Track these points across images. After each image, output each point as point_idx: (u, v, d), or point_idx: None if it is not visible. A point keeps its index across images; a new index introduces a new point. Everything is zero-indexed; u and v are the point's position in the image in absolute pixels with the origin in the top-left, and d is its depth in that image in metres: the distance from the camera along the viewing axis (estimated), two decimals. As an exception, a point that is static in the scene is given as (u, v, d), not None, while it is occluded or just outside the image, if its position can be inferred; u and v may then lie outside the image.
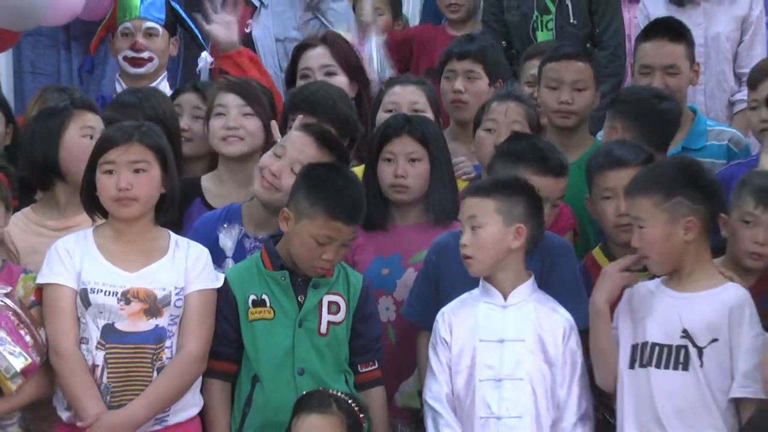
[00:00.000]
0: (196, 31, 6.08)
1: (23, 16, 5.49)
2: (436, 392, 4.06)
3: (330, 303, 4.20)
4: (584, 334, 4.11)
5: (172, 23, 5.91)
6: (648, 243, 4.00)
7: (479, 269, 4.03)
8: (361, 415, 4.06)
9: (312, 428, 3.93)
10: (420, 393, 4.17)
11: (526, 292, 4.10)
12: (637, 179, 4.09)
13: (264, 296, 4.18)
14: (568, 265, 4.29)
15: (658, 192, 3.99)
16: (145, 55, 5.78)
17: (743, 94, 5.47)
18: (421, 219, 4.52)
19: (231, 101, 4.80)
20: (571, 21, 5.71)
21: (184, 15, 6.05)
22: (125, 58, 5.81)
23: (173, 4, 6.01)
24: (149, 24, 5.80)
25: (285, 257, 4.18)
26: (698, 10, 5.66)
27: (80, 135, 4.50)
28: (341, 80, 5.24)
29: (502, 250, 3.99)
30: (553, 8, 5.74)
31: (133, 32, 5.78)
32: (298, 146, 4.39)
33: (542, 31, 5.75)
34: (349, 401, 4.06)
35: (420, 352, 4.25)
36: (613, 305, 4.09)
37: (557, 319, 4.09)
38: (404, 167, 4.47)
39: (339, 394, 4.08)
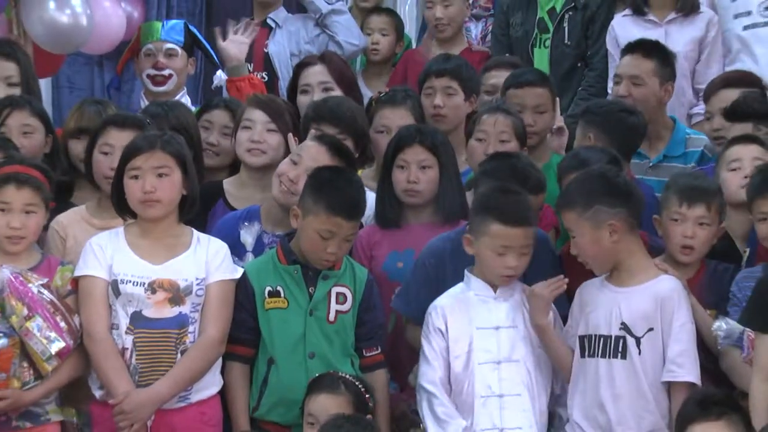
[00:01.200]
0: (212, 51, 6.08)
1: (68, 41, 5.50)
2: (430, 377, 4.05)
3: (338, 294, 4.21)
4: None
5: (190, 45, 5.88)
6: (581, 249, 4.04)
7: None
8: (367, 395, 4.08)
9: (322, 407, 3.96)
10: None
11: (514, 285, 4.13)
12: (561, 195, 4.15)
13: (279, 288, 4.20)
14: (546, 255, 4.31)
15: (578, 204, 4.02)
16: (166, 72, 5.76)
17: (701, 107, 5.51)
18: (432, 218, 4.52)
19: (258, 117, 4.80)
20: (566, 41, 5.70)
21: (201, 38, 6.05)
22: (148, 76, 5.80)
23: (191, 28, 5.99)
24: (169, 45, 5.78)
25: (297, 253, 4.20)
26: (660, 31, 5.63)
27: (99, 152, 4.51)
28: (337, 95, 5.23)
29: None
30: (551, 28, 5.72)
31: (155, 53, 5.77)
32: (313, 155, 4.42)
33: (539, 48, 5.74)
34: (356, 383, 4.08)
35: (417, 342, 4.24)
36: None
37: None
38: (416, 174, 4.48)
39: (347, 376, 4.10)
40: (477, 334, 4.06)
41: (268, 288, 4.20)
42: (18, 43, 5.29)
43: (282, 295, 4.21)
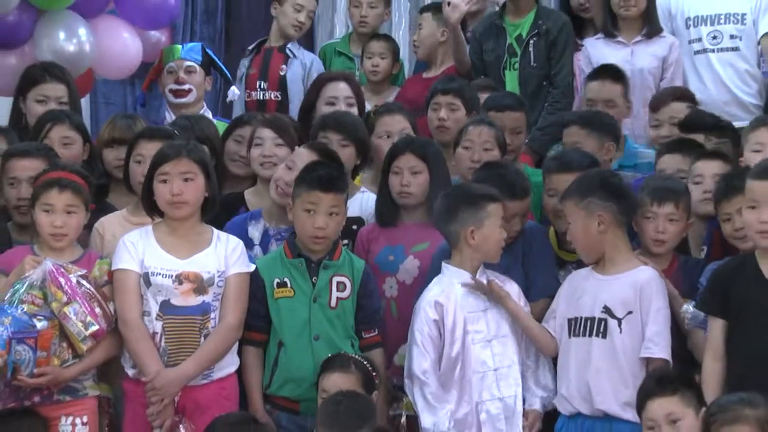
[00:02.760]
0: (226, 70, 6.10)
1: (72, 66, 5.43)
2: (423, 366, 4.06)
3: (338, 282, 4.22)
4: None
5: (207, 64, 5.85)
6: (574, 237, 4.10)
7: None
8: (374, 374, 4.08)
9: (335, 384, 3.96)
10: None
11: (481, 272, 4.15)
12: (565, 190, 4.18)
13: (286, 279, 4.21)
14: (544, 245, 4.39)
15: (576, 195, 4.08)
16: (186, 87, 5.74)
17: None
18: (424, 218, 4.47)
19: (266, 134, 4.76)
20: (532, 63, 5.66)
21: (215, 58, 6.04)
22: (170, 91, 5.79)
23: (207, 50, 5.98)
24: (188, 63, 5.76)
25: (301, 247, 4.22)
26: (627, 50, 5.65)
27: (133, 161, 4.53)
28: (354, 111, 5.23)
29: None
30: (519, 53, 5.69)
31: (176, 70, 5.75)
32: (305, 160, 4.42)
33: (509, 70, 5.72)
34: (365, 363, 4.08)
35: None
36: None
37: (511, 289, 4.17)
38: (408, 178, 4.46)
39: (357, 357, 4.11)
40: (469, 318, 4.09)
41: (277, 279, 4.22)
42: (66, 68, 5.33)
43: (289, 285, 4.22)
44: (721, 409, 3.53)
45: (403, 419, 4.28)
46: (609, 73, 5.29)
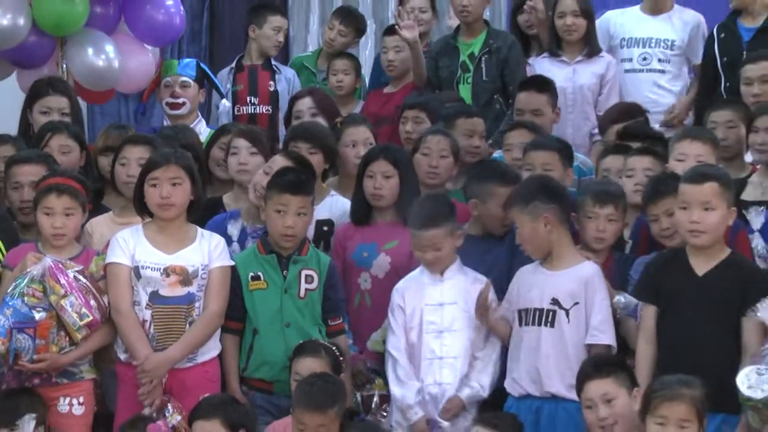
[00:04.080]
0: (218, 84, 6.08)
1: (103, 80, 5.48)
2: (395, 344, 4.09)
3: (306, 275, 4.22)
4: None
5: (201, 79, 5.84)
6: (523, 239, 4.08)
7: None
8: (341, 358, 4.08)
9: (307, 367, 3.96)
10: (384, 341, 4.18)
11: (455, 269, 4.14)
12: (508, 197, 4.18)
13: (259, 273, 4.21)
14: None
15: (520, 202, 4.07)
16: (180, 100, 5.71)
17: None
18: (394, 218, 4.46)
19: (242, 144, 4.73)
20: (484, 78, 5.65)
21: (209, 73, 6.03)
22: (167, 103, 5.77)
23: (202, 65, 5.98)
24: (183, 78, 5.73)
25: (273, 244, 4.23)
26: (570, 68, 5.63)
27: (119, 164, 4.53)
28: (320, 120, 5.15)
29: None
30: (471, 68, 5.68)
31: (172, 84, 5.73)
32: (280, 166, 4.41)
33: (463, 84, 5.71)
34: (333, 348, 4.08)
35: None
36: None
37: (478, 286, 4.12)
38: (380, 182, 4.45)
39: (326, 343, 4.10)
40: (426, 309, 4.10)
41: (251, 273, 4.21)
42: (68, 82, 5.29)
43: (262, 278, 4.22)
44: (662, 387, 3.52)
45: (376, 398, 4.26)
46: (535, 84, 5.26)
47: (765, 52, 5.27)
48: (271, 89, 6.22)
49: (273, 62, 6.30)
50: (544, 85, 5.24)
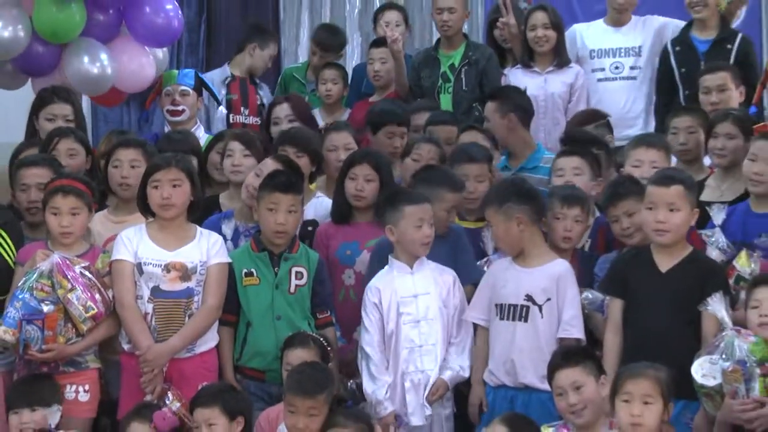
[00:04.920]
0: (215, 92, 6.05)
1: (95, 87, 5.45)
2: (368, 341, 4.05)
3: (296, 272, 4.21)
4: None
5: (199, 88, 5.80)
6: (497, 237, 4.10)
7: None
8: (329, 348, 4.08)
9: (298, 357, 3.95)
10: None
11: (423, 261, 4.13)
12: (484, 198, 4.17)
13: (252, 269, 4.20)
14: (466, 241, 4.35)
15: (495, 203, 4.07)
16: (180, 108, 5.67)
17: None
18: (373, 218, 4.44)
19: (236, 147, 4.73)
20: (464, 88, 5.65)
21: (207, 82, 5.99)
22: (167, 111, 5.74)
23: (200, 75, 5.96)
24: (183, 87, 5.69)
25: (265, 242, 4.22)
26: (541, 78, 5.63)
27: (112, 166, 4.48)
28: (297, 125, 5.12)
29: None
30: (452, 78, 5.68)
31: (172, 93, 5.70)
32: (270, 168, 4.40)
33: (444, 94, 5.69)
34: (321, 340, 4.08)
35: None
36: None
37: (446, 278, 4.13)
38: (362, 184, 4.44)
39: (315, 335, 4.10)
40: (401, 302, 4.08)
41: (245, 270, 4.20)
42: (72, 90, 5.27)
43: (255, 274, 4.21)
44: (628, 369, 3.53)
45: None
46: (489, 97, 5.24)
47: (723, 63, 5.31)
48: (258, 102, 6.26)
49: (257, 80, 6.37)
50: (494, 96, 5.20)
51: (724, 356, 3.53)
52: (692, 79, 5.39)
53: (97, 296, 4.01)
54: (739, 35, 5.55)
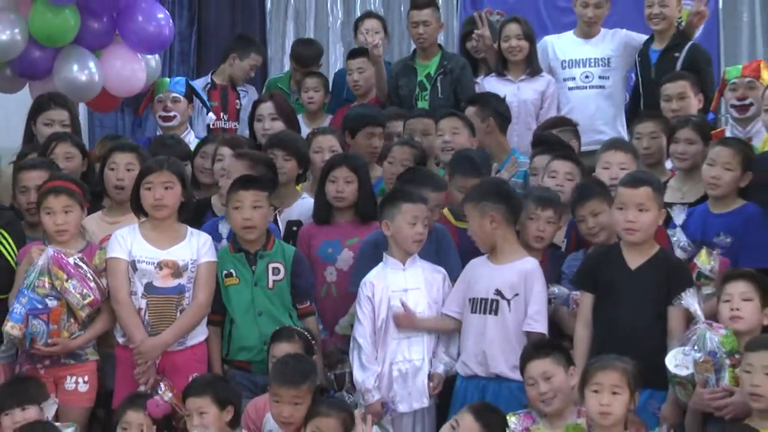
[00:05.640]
0: (204, 99, 6.03)
1: (83, 93, 5.39)
2: (361, 333, 4.04)
3: (273, 268, 4.19)
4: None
5: (189, 95, 5.78)
6: (472, 232, 4.08)
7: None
8: (312, 341, 4.07)
9: (283, 350, 3.94)
10: (351, 326, 4.13)
11: (415, 259, 4.12)
12: (466, 195, 4.17)
13: (231, 270, 4.18)
14: (450, 239, 4.34)
15: (473, 199, 4.07)
16: (171, 113, 5.65)
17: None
18: (353, 218, 4.45)
19: (225, 151, 4.70)
20: (440, 96, 5.64)
21: (197, 89, 5.98)
22: (159, 116, 5.72)
23: (191, 83, 5.94)
24: (174, 94, 5.68)
25: (241, 243, 4.20)
26: (515, 85, 5.61)
27: (108, 169, 4.47)
28: (279, 124, 5.10)
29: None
30: (428, 87, 5.67)
31: (164, 100, 5.68)
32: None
33: (421, 101, 5.69)
34: (305, 333, 4.07)
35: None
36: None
37: (436, 275, 4.13)
38: (342, 186, 4.42)
39: (299, 329, 4.08)
40: (393, 295, 4.07)
41: (225, 271, 4.18)
42: (67, 96, 5.22)
43: (234, 274, 4.19)
44: (597, 360, 3.54)
45: (348, 377, 4.20)
46: (470, 102, 5.24)
47: (682, 72, 5.33)
48: (238, 107, 6.24)
49: (242, 88, 6.34)
50: (471, 100, 5.22)
51: (696, 348, 3.56)
52: (648, 87, 5.46)
53: (92, 284, 3.98)
54: (689, 44, 5.56)
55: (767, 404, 3.38)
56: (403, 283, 4.07)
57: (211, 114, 6.11)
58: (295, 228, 4.56)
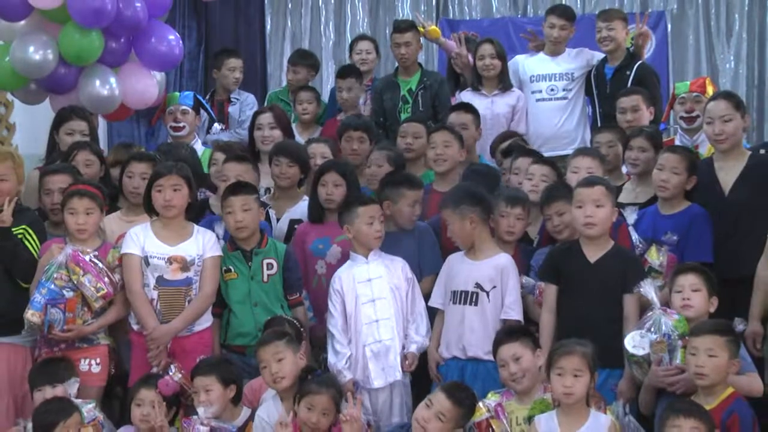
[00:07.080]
0: (211, 112, 6.01)
1: (104, 106, 5.36)
2: (333, 323, 4.04)
3: (267, 263, 4.18)
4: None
5: (197, 107, 5.75)
6: (453, 233, 4.07)
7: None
8: (301, 329, 4.06)
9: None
10: None
11: (377, 253, 4.11)
12: (442, 200, 4.16)
13: (230, 266, 4.17)
14: (431, 236, 4.33)
15: (451, 203, 4.06)
16: (181, 124, 5.61)
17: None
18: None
19: (220, 157, 4.68)
20: (420, 109, 5.62)
21: (204, 102, 5.94)
22: (170, 127, 5.67)
23: (198, 96, 5.90)
24: (183, 107, 5.63)
25: (237, 242, 4.19)
26: (488, 99, 5.61)
27: (126, 176, 4.47)
28: (277, 133, 5.10)
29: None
30: (410, 101, 5.65)
31: (174, 112, 5.63)
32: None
33: (404, 114, 5.64)
34: (295, 321, 4.07)
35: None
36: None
37: (396, 264, 4.11)
38: (331, 189, 4.41)
39: (290, 318, 4.08)
40: (358, 287, 4.06)
41: (224, 267, 4.17)
42: (86, 108, 5.18)
43: (233, 270, 4.18)
44: (560, 346, 3.54)
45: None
46: (464, 106, 5.27)
47: (636, 87, 5.34)
48: (228, 110, 6.21)
49: (233, 94, 6.27)
50: (470, 107, 5.24)
51: (652, 330, 3.57)
52: (602, 99, 5.52)
53: (106, 279, 3.98)
54: (638, 63, 5.58)
55: (710, 382, 3.40)
56: (366, 274, 4.06)
57: (216, 124, 6.07)
58: (296, 226, 4.56)
